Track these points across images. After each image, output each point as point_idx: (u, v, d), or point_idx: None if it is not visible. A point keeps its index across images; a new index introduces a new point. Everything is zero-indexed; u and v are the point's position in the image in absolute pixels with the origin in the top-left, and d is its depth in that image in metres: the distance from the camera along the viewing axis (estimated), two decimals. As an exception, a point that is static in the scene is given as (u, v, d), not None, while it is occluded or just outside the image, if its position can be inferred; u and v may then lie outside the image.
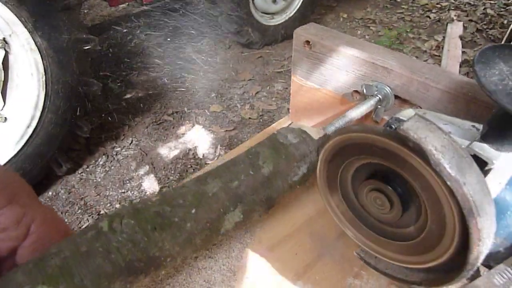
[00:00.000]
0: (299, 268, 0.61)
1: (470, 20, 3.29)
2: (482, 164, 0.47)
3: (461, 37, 2.96)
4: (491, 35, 3.07)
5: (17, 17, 1.45)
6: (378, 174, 0.50)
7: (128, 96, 2.44)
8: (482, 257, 0.43)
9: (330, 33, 0.71)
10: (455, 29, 3.08)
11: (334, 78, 0.71)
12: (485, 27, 3.18)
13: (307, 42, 0.71)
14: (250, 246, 0.63)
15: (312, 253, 0.63)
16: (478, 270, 0.51)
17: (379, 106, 0.65)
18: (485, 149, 0.47)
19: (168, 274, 0.57)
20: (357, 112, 0.62)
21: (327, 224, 0.66)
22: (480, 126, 0.51)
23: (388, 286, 0.59)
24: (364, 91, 0.64)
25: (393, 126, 0.48)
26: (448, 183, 0.40)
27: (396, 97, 0.65)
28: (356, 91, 0.69)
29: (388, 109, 0.66)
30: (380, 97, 0.64)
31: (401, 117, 0.51)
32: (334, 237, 0.65)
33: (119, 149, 2.07)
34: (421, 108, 0.62)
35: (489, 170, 0.47)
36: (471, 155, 0.48)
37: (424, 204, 0.47)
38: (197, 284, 0.57)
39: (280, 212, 0.68)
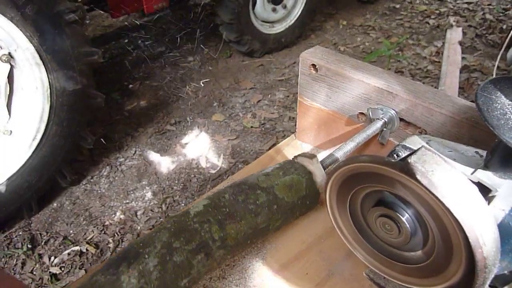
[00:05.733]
0: (310, 288, 0.63)
1: (469, 26, 3.32)
2: (486, 191, 0.49)
3: (460, 43, 2.99)
4: (491, 40, 3.09)
5: (22, 32, 1.47)
6: (386, 200, 0.51)
7: (130, 106, 2.46)
8: (488, 282, 0.45)
9: (336, 56, 0.73)
10: (455, 35, 3.10)
11: (340, 100, 0.73)
12: (484, 32, 3.21)
13: (313, 65, 0.73)
14: (262, 266, 0.65)
15: (322, 272, 0.65)
16: (483, 292, 0.53)
17: (384, 129, 0.67)
18: (489, 177, 0.49)
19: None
20: (364, 135, 0.64)
21: (336, 243, 0.68)
22: (483, 153, 0.53)
23: (396, 305, 0.61)
24: (370, 114, 0.66)
25: (400, 154, 0.50)
26: (454, 214, 0.42)
27: (401, 119, 0.67)
28: (361, 113, 0.71)
29: (393, 131, 0.68)
30: (386, 120, 0.66)
31: (407, 145, 0.53)
32: (343, 257, 0.67)
33: (122, 159, 2.09)
34: (425, 131, 0.64)
35: (493, 197, 0.49)
36: (475, 182, 0.50)
37: (431, 230, 0.49)
38: (211, 305, 0.59)
39: (291, 231, 0.70)
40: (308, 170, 0.65)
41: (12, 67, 1.57)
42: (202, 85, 2.64)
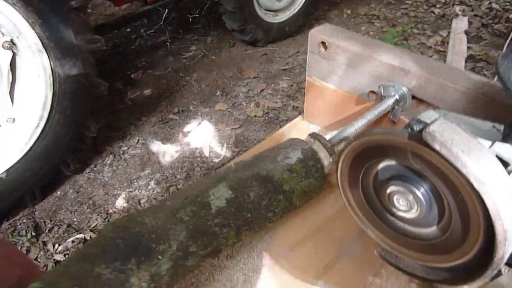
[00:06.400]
0: (319, 268, 0.61)
1: (475, 15, 3.27)
2: (505, 165, 0.48)
3: (466, 32, 2.94)
4: (497, 29, 3.05)
5: (25, 19, 1.46)
6: (401, 175, 0.50)
7: (133, 95, 2.45)
8: (507, 257, 0.44)
9: (346, 34, 0.71)
10: (460, 24, 3.06)
11: (350, 78, 0.71)
12: (490, 21, 3.16)
13: (323, 43, 0.71)
14: (271, 246, 0.64)
15: (331, 252, 0.63)
16: (499, 269, 0.52)
17: (396, 106, 0.66)
18: (508, 150, 0.47)
19: (192, 273, 0.58)
20: (375, 112, 0.62)
21: (344, 224, 0.67)
22: (501, 127, 0.52)
23: (408, 284, 0.60)
24: (382, 91, 0.65)
25: (415, 128, 0.49)
26: (475, 185, 0.40)
27: (413, 97, 0.65)
28: (372, 91, 0.70)
29: (405, 109, 0.67)
30: (398, 97, 0.65)
31: (422, 119, 0.51)
32: (352, 237, 0.65)
33: (126, 148, 2.08)
34: (439, 108, 0.62)
35: (512, 170, 0.47)
36: (493, 156, 0.49)
37: (448, 204, 0.47)
38: (220, 283, 0.58)
39: (299, 212, 0.69)
40: (325, 173, 0.65)
41: (14, 54, 1.56)
42: (205, 74, 2.63)
